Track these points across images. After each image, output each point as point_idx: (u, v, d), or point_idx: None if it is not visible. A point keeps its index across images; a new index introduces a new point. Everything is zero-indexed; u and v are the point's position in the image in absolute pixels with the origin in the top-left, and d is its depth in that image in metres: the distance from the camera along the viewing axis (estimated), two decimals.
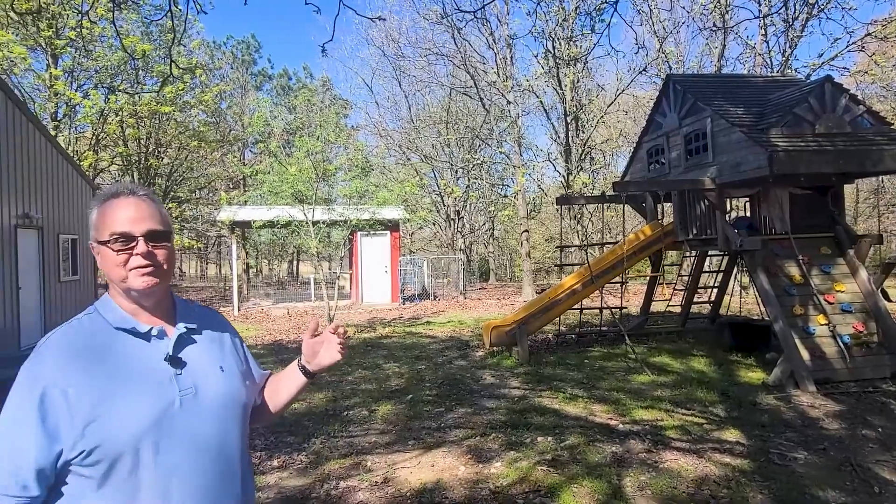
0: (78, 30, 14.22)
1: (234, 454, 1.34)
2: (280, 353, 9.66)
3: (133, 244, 1.26)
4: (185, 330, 1.35)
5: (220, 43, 32.66)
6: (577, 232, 18.22)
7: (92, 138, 17.47)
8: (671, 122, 8.97)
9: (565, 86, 17.84)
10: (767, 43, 16.28)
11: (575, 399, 6.31)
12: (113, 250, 1.25)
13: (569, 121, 18.07)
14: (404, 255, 25.11)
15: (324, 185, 10.68)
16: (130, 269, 1.26)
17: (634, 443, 4.90)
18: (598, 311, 9.94)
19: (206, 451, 1.27)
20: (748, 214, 9.50)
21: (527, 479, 4.22)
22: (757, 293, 7.65)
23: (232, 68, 33.57)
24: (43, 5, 14.19)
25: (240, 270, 19.65)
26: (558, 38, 15.78)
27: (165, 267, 1.31)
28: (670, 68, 17.73)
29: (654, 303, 10.89)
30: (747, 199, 9.58)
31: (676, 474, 4.22)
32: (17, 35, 14.86)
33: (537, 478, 4.22)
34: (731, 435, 5.07)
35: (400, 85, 24.43)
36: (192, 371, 1.31)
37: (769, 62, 16.28)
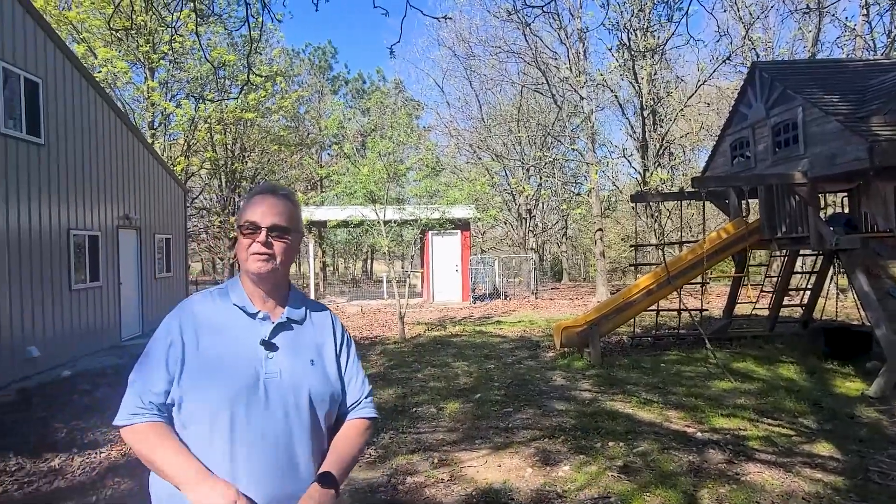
0: (170, 44, 15.31)
1: (306, 442, 1.43)
2: None
3: (257, 233, 1.43)
4: (286, 319, 1.48)
5: (299, 50, 34.05)
6: (655, 231, 17.50)
7: (184, 145, 18.74)
8: (757, 112, 8.42)
9: (642, 78, 17.19)
10: (870, 24, 14.94)
11: (649, 404, 6.06)
12: (242, 235, 1.46)
13: (645, 115, 17.40)
14: (475, 254, 25.14)
15: (395, 186, 10.86)
16: (251, 254, 1.44)
17: (713, 452, 4.64)
18: (675, 313, 9.50)
19: (278, 433, 1.39)
20: (846, 210, 8.76)
21: (595, 484, 4.09)
22: (856, 296, 7.04)
23: (310, 74, 34.89)
24: (140, 23, 15.39)
25: (317, 268, 20.41)
26: (633, 30, 15.21)
27: (280, 258, 1.46)
28: (757, 56, 16.67)
29: (738, 305, 10.27)
30: (845, 193, 8.83)
31: (760, 488, 3.96)
32: (119, 51, 16.20)
33: (606, 484, 4.09)
34: (824, 449, 4.69)
35: (471, 84, 24.47)
36: (281, 357, 1.44)
37: (871, 45, 14.93)
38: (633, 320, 9.39)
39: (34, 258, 8.06)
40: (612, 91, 17.62)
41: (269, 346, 1.44)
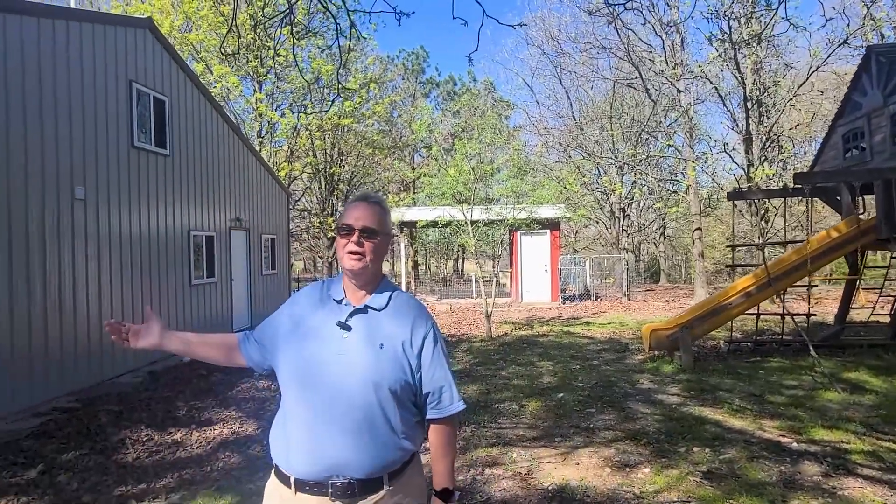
0: (274, 59, 16.52)
1: (367, 417, 1.59)
2: None
3: (351, 234, 1.67)
4: (363, 306, 1.71)
5: (393, 56, 35.17)
6: (760, 230, 16.37)
7: (287, 151, 20.10)
8: (874, 100, 7.72)
9: (745, 67, 16.15)
10: None
11: (742, 412, 5.80)
12: (339, 236, 1.71)
13: (749, 107, 16.32)
14: (566, 253, 24.75)
15: (482, 186, 11.03)
16: (346, 252, 1.67)
17: (809, 465, 4.39)
18: (779, 317, 8.92)
19: (345, 403, 1.60)
20: None
21: (676, 488, 4.03)
22: None
23: (403, 79, 35.93)
24: (249, 40, 16.73)
25: (408, 267, 21.08)
26: (735, 17, 14.34)
27: (370, 256, 1.68)
28: (882, 37, 15.11)
29: (854, 311, 9.43)
30: None
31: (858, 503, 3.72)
32: (232, 67, 17.71)
33: (688, 488, 4.02)
34: None
35: (560, 82, 24.12)
36: (354, 338, 1.66)
37: None
38: (731, 324, 8.94)
39: (161, 256, 9.09)
40: (711, 83, 16.69)
41: (343, 326, 1.66)
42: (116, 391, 7.03)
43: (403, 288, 17.93)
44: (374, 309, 1.70)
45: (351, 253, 1.67)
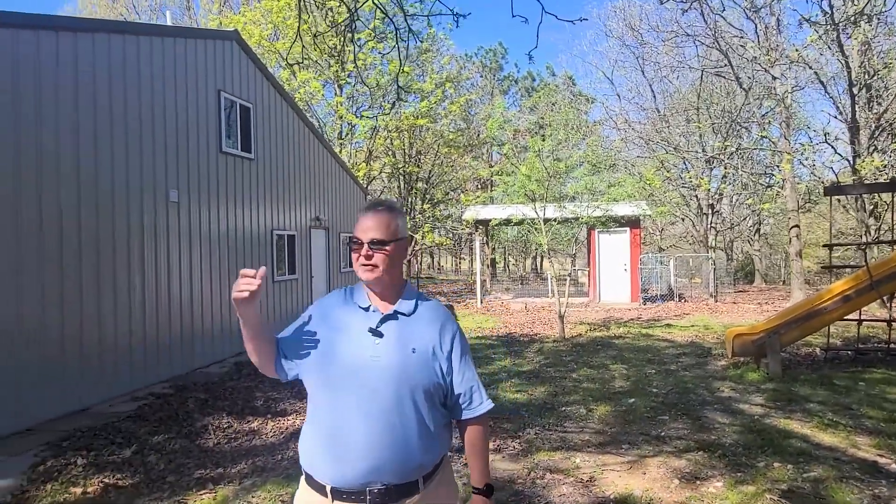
0: (354, 63, 17.07)
1: (402, 421, 1.63)
2: (511, 345, 10.17)
3: (360, 247, 1.68)
4: (393, 312, 1.73)
5: (471, 54, 35.30)
6: (867, 227, 14.91)
7: (366, 152, 20.73)
8: None
9: (850, 49, 14.74)
10: None
11: (833, 426, 5.33)
12: (352, 249, 1.72)
13: (856, 92, 14.88)
14: (651, 252, 23.76)
15: (556, 184, 10.81)
16: (358, 265, 1.70)
17: None
18: (885, 324, 8.10)
19: (379, 408, 1.62)
20: None
21: None
22: None
23: (481, 76, 35.99)
24: (330, 45, 17.38)
25: (484, 265, 21.09)
26: None
27: (382, 265, 1.69)
28: None
29: None
30: None
31: None
32: (315, 73, 18.50)
33: None
34: None
35: (643, 73, 23.16)
36: (386, 343, 1.68)
37: None
38: (829, 330, 8.23)
39: (246, 254, 9.67)
40: (811, 68, 15.37)
41: (376, 333, 1.68)
42: (204, 380, 7.56)
43: (478, 286, 17.96)
44: (403, 315, 1.73)
45: (362, 265, 1.69)
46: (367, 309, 1.73)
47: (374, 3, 3.61)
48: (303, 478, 1.75)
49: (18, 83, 5.64)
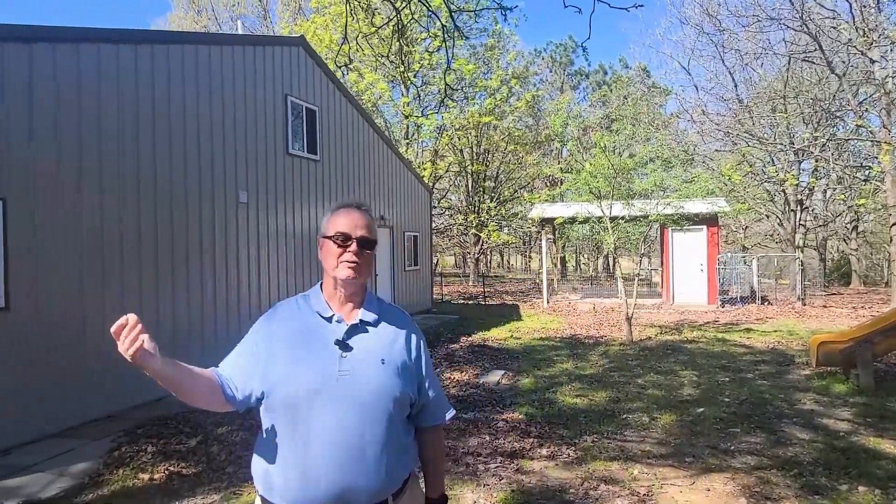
0: (420, 63, 17.22)
1: (375, 437, 1.52)
2: (575, 347, 9.88)
3: (349, 243, 1.59)
4: (359, 322, 1.62)
5: (540, 50, 34.71)
6: None
7: (432, 151, 20.87)
8: None
9: None
10: None
11: None
12: (335, 244, 1.59)
13: None
14: (733, 251, 22.42)
15: (623, 181, 10.39)
16: (342, 262, 1.58)
17: None
18: None
19: (348, 427, 1.50)
20: None
21: None
22: None
23: (551, 71, 35.34)
24: (396, 46, 17.60)
25: (551, 265, 20.69)
26: None
27: (364, 266, 1.62)
28: None
29: None
30: None
31: None
32: (381, 74, 18.82)
33: None
34: None
35: (723, 62, 21.81)
36: (355, 357, 1.57)
37: None
38: None
39: (311, 253, 9.97)
40: None
41: (343, 346, 1.57)
42: None
43: (545, 286, 17.63)
44: (368, 324, 1.63)
45: (348, 262, 1.58)
46: (329, 319, 1.61)
47: (420, 1, 3.56)
48: (258, 501, 1.62)
49: (100, 93, 6.06)
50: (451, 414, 1.78)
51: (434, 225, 28.13)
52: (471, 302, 18.78)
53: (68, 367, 5.62)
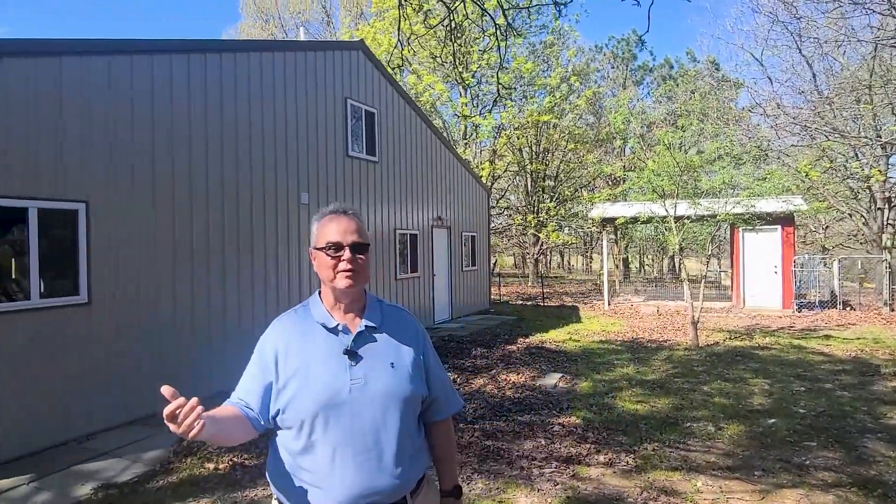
0: (478, 63, 17.18)
1: (392, 440, 1.54)
2: (636, 351, 9.57)
3: (342, 252, 1.56)
4: (364, 328, 1.61)
5: (601, 45, 33.87)
6: None
7: (490, 151, 20.78)
8: None
9: None
10: None
11: None
12: (327, 255, 1.57)
13: None
14: (807, 252, 21.09)
15: (689, 179, 9.95)
16: (339, 272, 1.56)
17: None
18: None
19: (366, 433, 1.52)
20: None
21: None
22: None
23: (613, 68, 34.42)
24: (455, 47, 17.65)
25: (612, 266, 20.16)
26: None
27: (362, 272, 1.59)
28: None
29: None
30: None
31: None
32: (439, 75, 18.94)
33: None
34: None
35: (800, 51, 20.50)
36: (365, 364, 1.57)
37: None
38: None
39: (371, 252, 10.12)
40: None
41: (351, 355, 1.56)
42: None
43: (606, 288, 17.18)
44: (373, 328, 1.62)
45: (344, 272, 1.55)
46: (334, 329, 1.59)
47: (474, 1, 3.54)
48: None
49: (172, 102, 6.40)
50: (460, 404, 1.79)
51: (492, 225, 28.07)
52: (529, 303, 18.57)
53: (143, 359, 5.97)
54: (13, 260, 5.08)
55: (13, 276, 5.74)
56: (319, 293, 1.68)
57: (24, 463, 4.74)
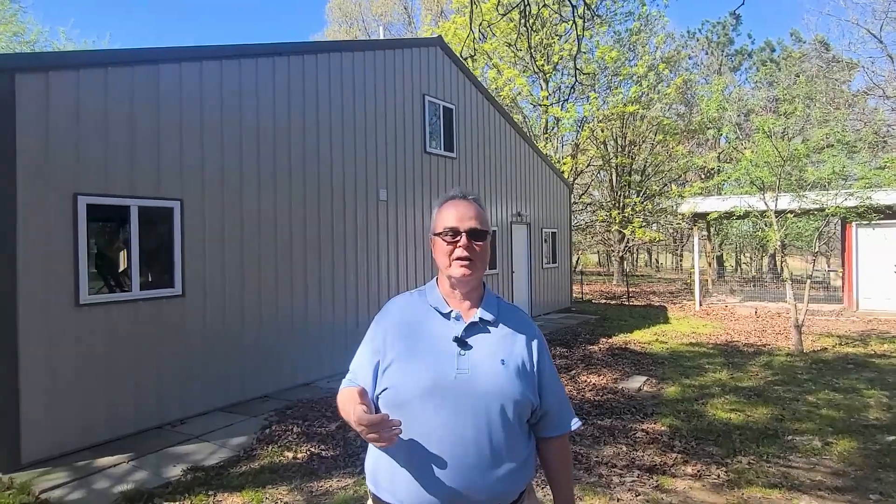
0: (560, 55, 16.70)
1: (492, 441, 1.42)
2: (730, 356, 8.90)
3: (458, 238, 1.50)
4: (478, 320, 1.52)
5: (694, 31, 31.96)
6: None
7: (573, 145, 20.17)
8: None
9: None
10: None
11: None
12: (444, 241, 1.52)
13: None
14: None
15: (792, 169, 9.09)
16: (454, 259, 1.51)
17: None
18: None
19: (466, 427, 1.41)
20: None
21: None
22: None
23: (707, 54, 32.39)
24: (536, 41, 17.29)
25: (705, 264, 18.98)
26: None
27: (479, 260, 1.53)
28: None
29: None
30: None
31: None
32: (520, 69, 18.62)
33: None
34: None
35: None
36: (474, 355, 1.48)
37: None
38: None
39: None
40: None
41: (461, 343, 1.48)
42: None
43: (697, 287, 16.19)
44: (487, 322, 1.53)
45: (460, 259, 1.49)
46: (448, 315, 1.53)
47: None
48: (371, 501, 1.58)
49: (258, 103, 6.67)
50: (577, 424, 1.62)
51: (575, 222, 27.29)
52: (613, 302, 17.89)
53: (231, 350, 6.27)
54: (117, 254, 5.48)
55: (118, 270, 6.21)
56: (437, 280, 1.63)
57: (126, 442, 5.11)
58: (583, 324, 12.38)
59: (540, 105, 18.98)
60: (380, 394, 1.51)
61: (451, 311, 1.53)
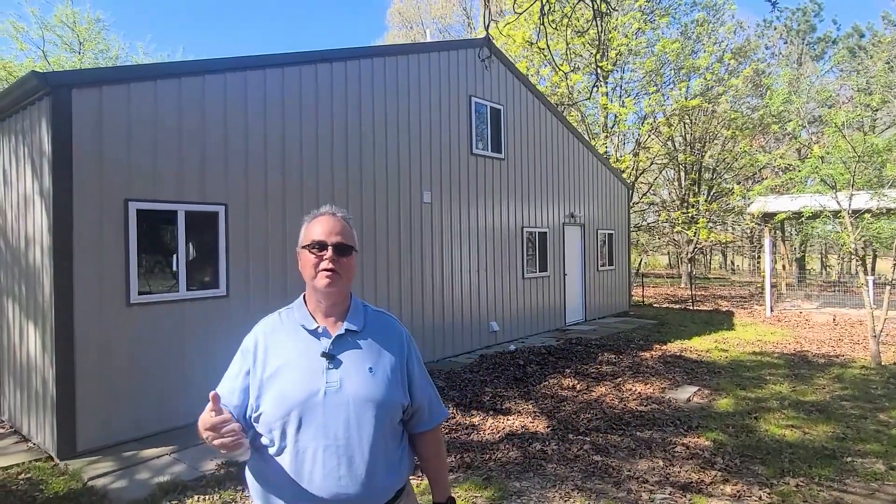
0: (618, 49, 16.12)
1: (365, 446, 1.50)
2: (797, 366, 8.29)
3: (324, 251, 1.57)
4: (344, 332, 1.57)
5: (771, 20, 30.05)
6: None
7: (635, 142, 19.44)
8: None
9: None
10: None
11: None
12: (311, 254, 1.58)
13: None
14: None
15: (869, 166, 8.35)
16: (319, 271, 1.56)
17: None
18: None
19: (338, 437, 1.49)
20: None
21: None
22: None
23: (786, 43, 30.40)
24: (592, 36, 16.80)
25: (780, 267, 17.81)
26: None
27: (344, 274, 1.59)
28: None
29: None
30: None
31: None
32: (575, 65, 18.16)
33: None
34: None
35: None
36: (342, 368, 1.54)
37: None
38: None
39: (496, 251, 10.02)
40: None
41: (330, 358, 1.54)
42: (448, 368, 8.08)
43: (767, 291, 15.22)
44: (354, 332, 1.59)
45: (326, 271, 1.55)
46: (314, 331, 1.58)
47: None
48: None
49: (301, 109, 6.86)
50: (445, 415, 1.76)
51: (640, 223, 26.31)
52: (676, 306, 17.11)
53: None
54: (167, 257, 5.79)
55: (167, 271, 6.55)
56: (304, 296, 1.69)
57: (172, 435, 5.39)
58: (638, 329, 11.91)
59: (606, 107, 18.41)
60: (255, 417, 1.55)
61: (318, 326, 1.59)
